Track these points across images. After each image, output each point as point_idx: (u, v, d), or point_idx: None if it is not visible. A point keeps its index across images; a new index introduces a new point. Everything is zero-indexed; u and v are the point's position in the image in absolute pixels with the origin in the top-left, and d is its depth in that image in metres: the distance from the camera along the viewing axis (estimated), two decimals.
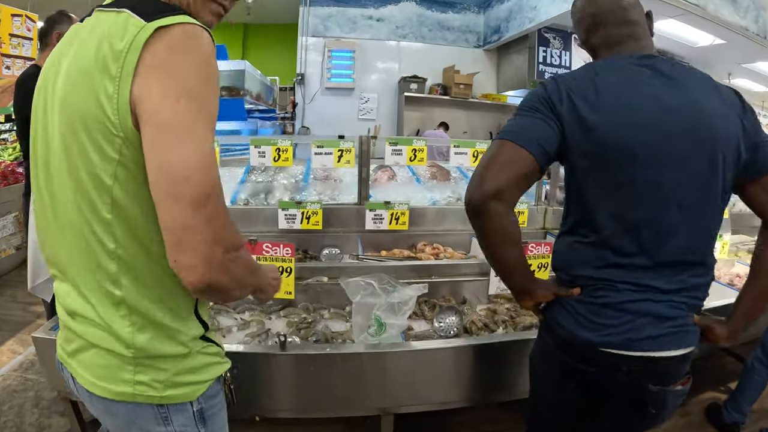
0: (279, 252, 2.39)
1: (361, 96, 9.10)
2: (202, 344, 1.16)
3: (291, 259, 2.40)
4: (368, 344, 2.14)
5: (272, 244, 2.38)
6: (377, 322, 2.11)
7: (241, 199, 3.39)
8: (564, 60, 9.05)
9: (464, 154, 3.45)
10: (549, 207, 3.81)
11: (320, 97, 8.99)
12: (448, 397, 2.31)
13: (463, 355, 2.26)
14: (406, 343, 2.24)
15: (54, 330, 2.00)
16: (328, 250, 3.33)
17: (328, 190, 3.56)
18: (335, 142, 3.24)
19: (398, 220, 3.36)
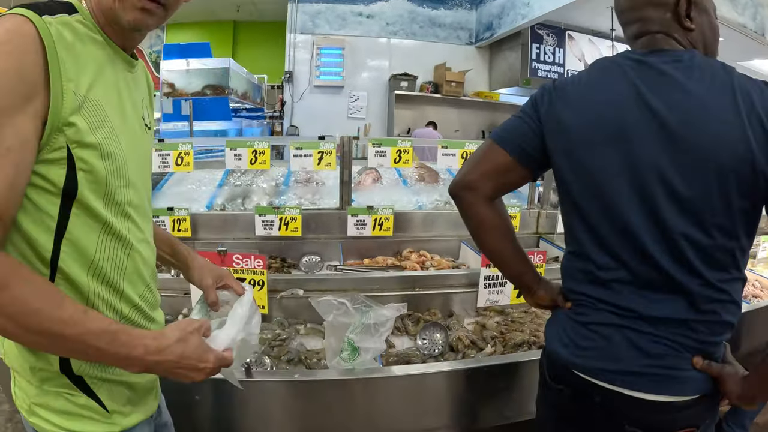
0: (250, 263, 2.24)
1: (350, 94, 8.96)
2: (65, 386, 1.00)
3: (263, 272, 2.25)
4: (342, 370, 1.96)
5: (242, 256, 2.23)
6: (350, 347, 1.93)
7: (218, 204, 3.23)
8: (558, 57, 8.93)
9: (452, 155, 3.32)
10: (542, 210, 3.66)
11: (309, 95, 8.84)
12: (429, 424, 2.12)
13: (446, 380, 2.07)
14: (382, 369, 2.05)
15: None
16: (308, 258, 3.18)
17: (309, 194, 3.41)
18: (314, 144, 3.09)
19: (382, 226, 3.21)
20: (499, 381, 2.10)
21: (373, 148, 3.18)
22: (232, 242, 3.11)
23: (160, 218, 2.97)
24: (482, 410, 2.15)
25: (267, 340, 2.31)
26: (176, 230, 3.01)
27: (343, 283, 2.63)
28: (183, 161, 3.01)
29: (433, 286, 2.72)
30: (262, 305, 2.27)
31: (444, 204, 3.60)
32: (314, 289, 2.57)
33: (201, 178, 3.77)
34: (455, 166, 3.33)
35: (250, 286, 1.49)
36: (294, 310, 2.55)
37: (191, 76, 6.08)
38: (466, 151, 3.29)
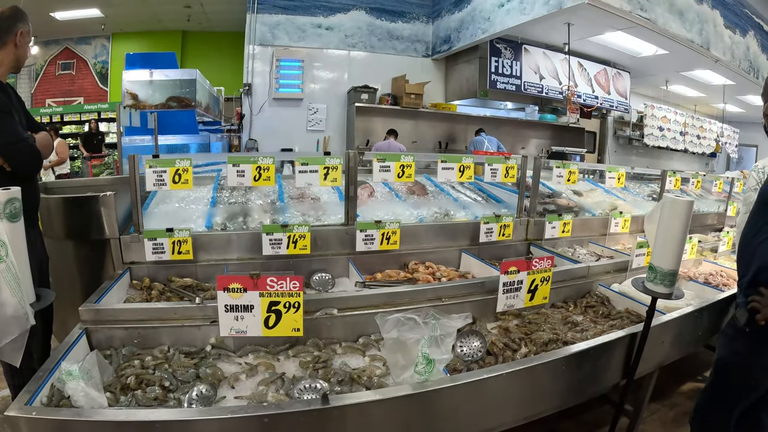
0: (285, 286, 2.10)
1: (309, 107, 8.86)
2: None
3: (299, 293, 2.12)
4: (417, 383, 1.91)
5: (278, 278, 2.09)
6: (425, 360, 1.89)
7: (217, 223, 3.07)
8: (515, 70, 9.15)
9: (451, 169, 3.32)
10: (530, 219, 3.77)
11: (268, 108, 8.66)
12: (502, 420, 2.20)
13: (526, 377, 2.14)
14: (463, 375, 2.05)
15: (29, 404, 1.64)
16: (319, 276, 3.06)
17: (312, 211, 3.29)
18: (320, 159, 2.99)
19: (389, 240, 3.17)
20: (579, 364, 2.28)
21: (378, 163, 3.13)
22: (237, 263, 2.96)
23: (158, 240, 2.79)
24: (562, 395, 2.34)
25: (308, 363, 2.21)
26: (176, 252, 2.83)
27: (373, 299, 2.57)
28: (181, 178, 2.83)
29: (457, 295, 2.76)
30: (297, 327, 2.14)
31: (443, 216, 3.62)
32: (347, 306, 2.50)
33: (185, 196, 3.58)
34: (453, 179, 3.37)
35: None
36: (322, 330, 2.48)
37: (155, 87, 5.82)
38: (464, 165, 3.32)
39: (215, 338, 2.29)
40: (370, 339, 2.46)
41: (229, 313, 2.04)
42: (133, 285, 2.80)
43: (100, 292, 2.42)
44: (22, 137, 2.50)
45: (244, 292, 2.01)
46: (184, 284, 2.77)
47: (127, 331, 2.24)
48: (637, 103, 12.22)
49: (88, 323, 2.22)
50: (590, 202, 4.53)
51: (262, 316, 2.03)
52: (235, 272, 2.81)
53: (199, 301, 2.30)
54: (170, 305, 2.34)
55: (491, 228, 3.50)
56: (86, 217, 2.81)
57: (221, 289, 2.00)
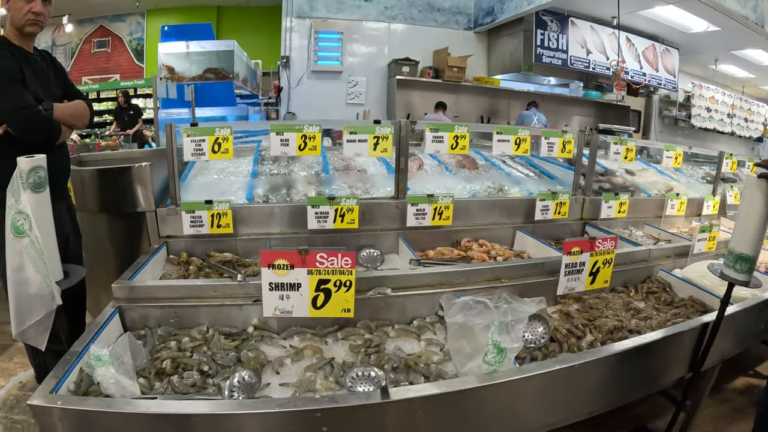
0: (336, 263, 1.88)
1: (349, 79, 8.61)
2: None
3: (351, 271, 1.90)
4: (485, 374, 1.69)
5: (328, 254, 1.87)
6: (496, 348, 1.65)
7: (259, 195, 2.86)
8: (561, 43, 8.74)
9: (506, 141, 3.07)
10: (586, 197, 3.49)
11: (306, 81, 8.44)
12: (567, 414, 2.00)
13: (598, 368, 1.92)
14: (534, 366, 1.83)
15: (55, 392, 1.45)
16: (367, 252, 2.84)
17: (359, 183, 3.06)
18: (370, 128, 2.76)
19: (441, 215, 2.96)
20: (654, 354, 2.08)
21: (431, 133, 2.88)
22: (280, 237, 2.77)
23: (196, 213, 2.60)
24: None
25: (359, 348, 2.00)
26: (215, 226, 2.64)
27: (428, 278, 2.36)
28: (221, 148, 2.62)
29: (516, 276, 2.54)
30: (348, 308, 1.92)
31: (497, 191, 3.37)
32: (400, 286, 2.29)
33: (223, 168, 3.38)
34: (509, 152, 3.12)
35: None
36: (375, 311, 2.26)
37: (191, 59, 5.65)
38: (520, 138, 3.07)
39: (258, 319, 2.09)
40: (424, 321, 2.25)
41: (273, 291, 1.85)
42: (169, 260, 2.63)
43: (135, 267, 2.24)
44: (25, 104, 2.37)
45: (291, 269, 1.82)
46: (223, 259, 2.57)
47: (162, 310, 2.05)
48: (684, 82, 11.60)
49: (121, 301, 2.04)
50: (645, 181, 4.21)
51: (309, 296, 1.86)
52: (279, 247, 2.63)
53: (240, 278, 2.10)
54: (209, 282, 2.14)
55: (547, 205, 3.25)
56: (121, 189, 2.64)
57: (266, 266, 1.81)
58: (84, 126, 2.72)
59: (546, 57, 8.61)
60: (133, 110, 10.35)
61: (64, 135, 2.55)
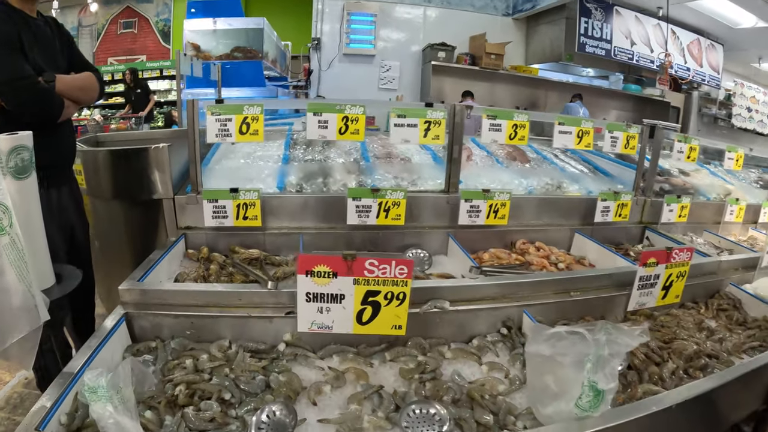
0: (389, 272, 1.53)
1: (381, 64, 8.23)
2: None
3: (407, 282, 1.56)
4: (580, 420, 1.36)
5: (379, 261, 1.52)
6: (593, 390, 1.32)
7: (291, 183, 2.51)
8: (605, 33, 8.29)
9: (568, 133, 2.73)
10: (647, 199, 3.10)
11: (337, 64, 8.10)
12: None
13: (692, 407, 1.57)
14: (631, 408, 1.48)
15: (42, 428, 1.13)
16: (413, 252, 2.49)
17: (404, 173, 2.70)
18: (421, 111, 2.42)
19: (497, 213, 2.61)
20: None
21: (488, 120, 2.54)
22: (314, 232, 2.44)
23: (220, 203, 2.27)
24: None
25: (411, 373, 1.65)
26: (241, 218, 2.31)
27: (490, 290, 2.01)
28: (250, 128, 2.28)
29: (586, 289, 2.19)
30: (399, 324, 1.60)
31: (555, 188, 3.01)
32: (460, 298, 1.93)
33: (251, 152, 3.04)
34: (570, 145, 2.77)
35: None
36: (427, 327, 1.91)
37: (219, 37, 5.31)
38: (582, 130, 2.74)
39: (291, 334, 1.75)
40: (485, 340, 1.92)
41: (311, 303, 1.54)
42: (188, 255, 2.31)
43: (147, 265, 1.92)
44: (22, 74, 2.04)
45: (334, 278, 1.51)
46: (249, 257, 2.24)
47: (177, 319, 1.72)
48: (725, 79, 11.06)
49: (129, 306, 1.71)
50: (702, 184, 3.82)
51: (354, 309, 1.56)
52: (314, 244, 2.30)
53: (272, 286, 1.74)
54: (233, 289, 1.80)
55: (608, 206, 2.88)
56: (135, 173, 2.32)
57: (303, 273, 1.48)
58: (92, 101, 2.38)
59: (589, 46, 8.16)
60: (141, 89, 9.82)
61: (68, 111, 2.21)
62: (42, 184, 2.14)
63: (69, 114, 2.24)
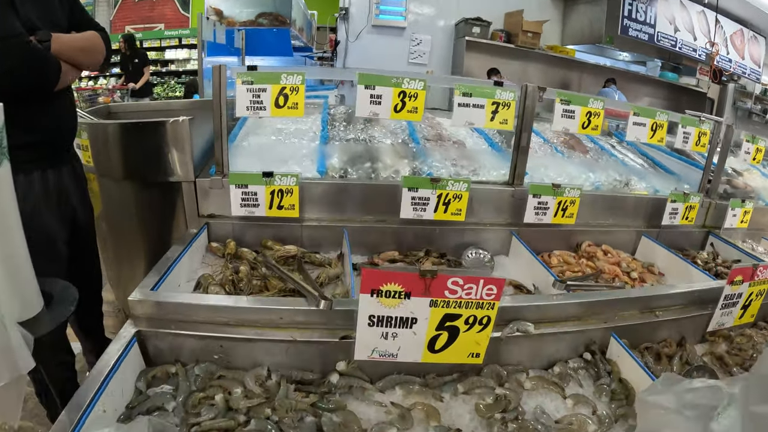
0: (475, 291, 1.18)
1: (412, 37, 7.77)
2: None
3: (494, 305, 1.23)
4: None
5: (465, 279, 1.16)
6: None
7: (334, 167, 2.14)
8: (649, 17, 7.82)
9: (642, 125, 2.42)
10: (712, 201, 2.72)
11: (366, 35, 7.64)
12: None
13: None
14: None
15: None
16: (473, 253, 2.13)
17: (465, 161, 2.32)
18: (489, 91, 2.07)
19: (565, 212, 2.27)
20: None
21: (561, 105, 2.20)
22: (360, 226, 2.08)
23: (250, 188, 1.91)
24: None
25: (490, 409, 1.36)
26: (275, 207, 1.95)
27: (574, 309, 1.66)
28: (288, 100, 1.90)
29: (671, 307, 1.86)
30: (477, 352, 1.31)
31: (623, 185, 2.64)
32: (542, 319, 1.59)
33: (282, 128, 2.66)
34: (643, 139, 2.45)
35: None
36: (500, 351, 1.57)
37: (243, 1, 4.91)
38: (657, 123, 2.43)
39: (346, 363, 1.38)
40: (566, 367, 1.61)
41: (374, 327, 1.23)
42: (211, 248, 1.97)
43: (164, 266, 1.57)
44: (9, 32, 1.59)
45: (406, 299, 1.20)
46: (286, 254, 1.89)
47: (202, 340, 1.36)
48: (765, 74, 10.52)
49: (141, 322, 1.36)
50: (759, 186, 3.40)
51: (427, 335, 1.27)
52: (361, 244, 1.99)
53: (325, 306, 1.36)
54: (274, 305, 1.41)
55: (677, 208, 2.53)
56: (150, 150, 1.97)
57: (368, 292, 1.17)
58: (96, 65, 1.95)
59: (632, 30, 7.66)
60: (138, 58, 9.00)
61: (66, 77, 1.78)
62: (38, 166, 1.78)
63: (68, 80, 1.81)
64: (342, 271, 1.84)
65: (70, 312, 1.08)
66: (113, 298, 2.73)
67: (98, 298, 2.36)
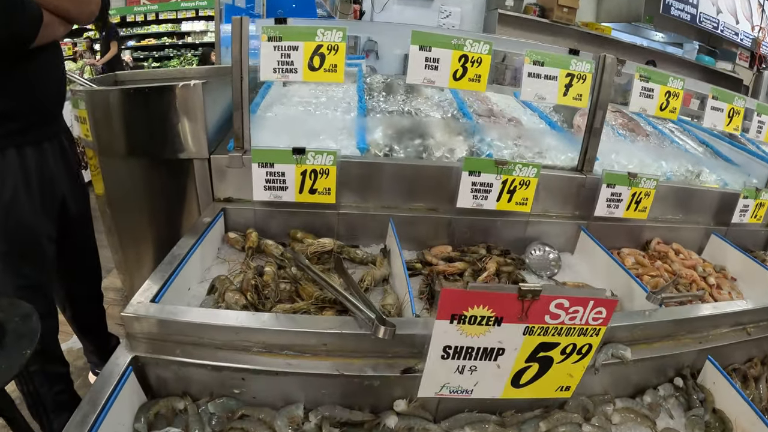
0: (581, 316, 0.89)
1: (441, 9, 7.34)
2: None
3: (599, 331, 0.94)
4: None
5: (572, 301, 0.85)
6: None
7: (377, 143, 1.79)
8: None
9: (719, 110, 2.10)
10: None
11: (392, 6, 7.22)
12: None
13: None
14: None
15: None
16: (537, 250, 1.80)
17: (528, 142, 1.97)
18: (564, 60, 1.76)
19: (638, 205, 1.95)
20: None
21: (641, 82, 1.88)
22: (406, 216, 1.75)
23: (276, 168, 1.58)
24: None
25: None
26: (307, 191, 1.61)
27: (666, 327, 1.36)
28: (325, 62, 1.56)
29: (762, 324, 1.56)
30: (568, 386, 1.06)
31: (695, 176, 2.29)
32: (634, 339, 1.31)
33: (310, 97, 2.31)
34: (720, 127, 2.12)
35: None
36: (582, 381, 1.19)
37: None
38: (734, 109, 2.12)
39: (406, 401, 1.05)
40: (656, 395, 1.37)
41: (448, 360, 0.95)
42: (228, 240, 1.66)
43: (168, 268, 1.24)
44: None
45: (495, 326, 0.91)
46: (320, 249, 1.56)
47: (219, 372, 1.03)
48: None
49: (140, 345, 1.05)
50: None
51: (513, 368, 1.01)
52: (409, 237, 1.66)
53: (385, 333, 1.00)
54: (311, 327, 1.06)
55: (747, 205, 2.20)
56: (156, 121, 1.64)
57: (446, 318, 0.88)
58: (88, 16, 1.54)
59: (675, 9, 7.20)
60: (106, 30, 7.77)
61: (50, 30, 1.41)
62: (12, 142, 1.43)
63: (52, 35, 1.43)
64: (389, 272, 1.51)
65: (25, 359, 0.75)
66: (120, 285, 2.44)
67: (97, 296, 2.07)
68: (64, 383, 1.82)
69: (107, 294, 3.08)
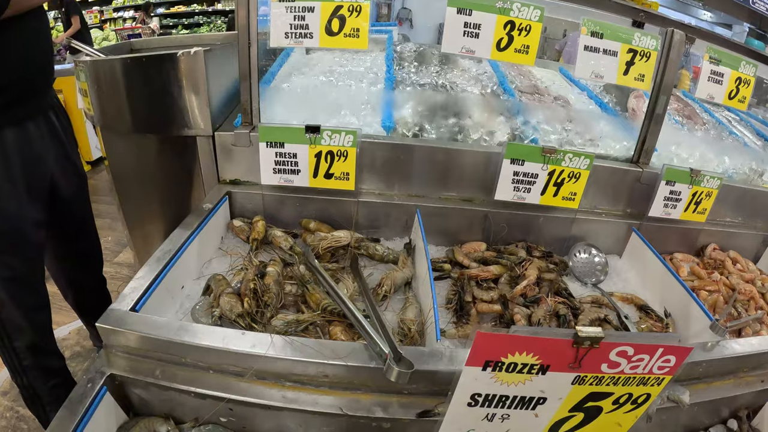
0: (645, 366, 0.73)
1: None
2: None
3: (663, 381, 0.76)
4: None
5: (636, 349, 0.69)
6: None
7: (405, 121, 1.59)
8: None
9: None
10: None
11: None
12: None
13: None
14: None
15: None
16: (582, 251, 1.61)
17: (577, 125, 1.74)
18: (627, 33, 1.52)
19: (698, 206, 1.70)
20: None
21: (710, 65, 1.66)
22: (436, 207, 1.55)
23: (287, 148, 1.39)
24: None
25: None
26: (321, 175, 1.42)
27: (730, 364, 1.16)
28: (346, 25, 1.35)
29: None
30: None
31: (758, 176, 1.98)
32: (691, 377, 1.13)
33: (332, 67, 2.09)
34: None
35: None
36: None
37: None
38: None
39: None
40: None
41: (477, 407, 0.77)
42: (233, 228, 1.48)
43: (158, 265, 1.07)
44: None
45: (540, 374, 0.72)
46: (335, 244, 1.38)
47: (204, 400, 0.86)
48: None
49: (116, 363, 0.88)
50: None
51: (554, 417, 0.82)
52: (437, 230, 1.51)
53: (398, 377, 0.79)
54: (310, 357, 0.87)
55: None
56: (156, 93, 1.45)
57: (479, 365, 0.70)
58: None
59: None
60: (65, 5, 7.00)
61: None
62: None
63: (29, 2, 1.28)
64: (412, 273, 1.31)
65: None
66: (130, 259, 2.30)
67: (99, 280, 1.96)
68: (59, 377, 1.72)
69: (121, 270, 2.97)
